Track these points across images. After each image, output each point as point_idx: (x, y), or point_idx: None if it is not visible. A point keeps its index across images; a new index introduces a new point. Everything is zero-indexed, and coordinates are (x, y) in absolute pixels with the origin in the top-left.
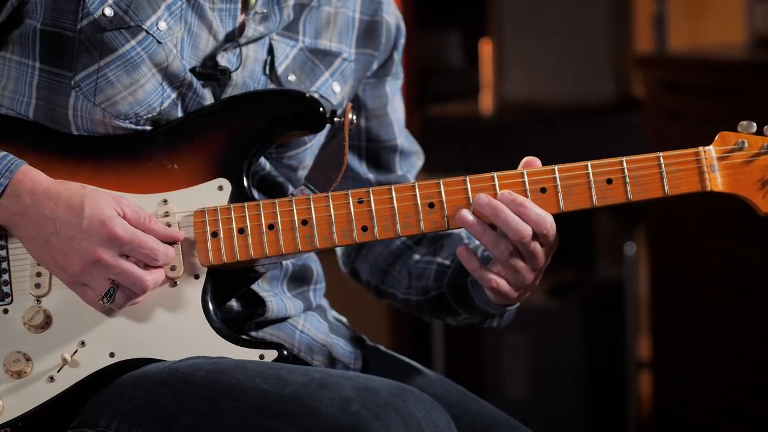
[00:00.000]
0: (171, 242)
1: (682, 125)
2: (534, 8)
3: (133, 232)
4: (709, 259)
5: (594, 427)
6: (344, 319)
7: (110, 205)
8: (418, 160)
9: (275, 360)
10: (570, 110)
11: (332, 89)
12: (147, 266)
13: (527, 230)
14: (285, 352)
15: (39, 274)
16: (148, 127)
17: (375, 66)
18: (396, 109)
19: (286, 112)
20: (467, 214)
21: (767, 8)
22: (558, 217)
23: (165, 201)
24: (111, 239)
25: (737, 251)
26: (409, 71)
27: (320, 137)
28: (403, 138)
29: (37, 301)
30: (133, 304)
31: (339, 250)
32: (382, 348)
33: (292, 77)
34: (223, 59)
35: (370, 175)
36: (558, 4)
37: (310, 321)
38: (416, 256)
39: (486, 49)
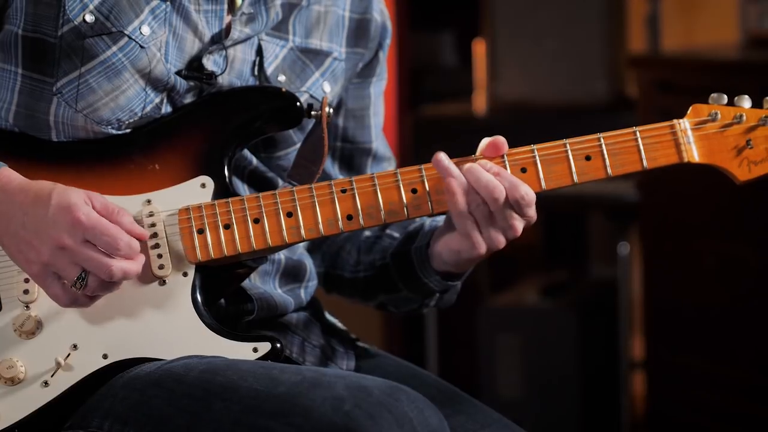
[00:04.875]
0: (138, 239)
1: None
2: (527, 8)
3: (97, 219)
4: (702, 258)
5: (587, 427)
6: (337, 320)
7: (79, 195)
8: (389, 167)
9: (268, 352)
10: (563, 110)
11: (322, 89)
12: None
13: (499, 188)
14: (278, 344)
15: (27, 280)
16: (129, 130)
17: (360, 65)
18: (377, 113)
19: (263, 108)
20: (443, 157)
21: (760, 8)
22: (552, 217)
23: (148, 201)
24: (74, 225)
25: (731, 251)
26: (402, 71)
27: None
28: (379, 142)
29: (27, 307)
30: (106, 289)
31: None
32: (375, 348)
33: (281, 77)
34: (209, 62)
35: (342, 177)
36: (551, 4)
37: (302, 321)
38: (366, 233)
39: (479, 49)
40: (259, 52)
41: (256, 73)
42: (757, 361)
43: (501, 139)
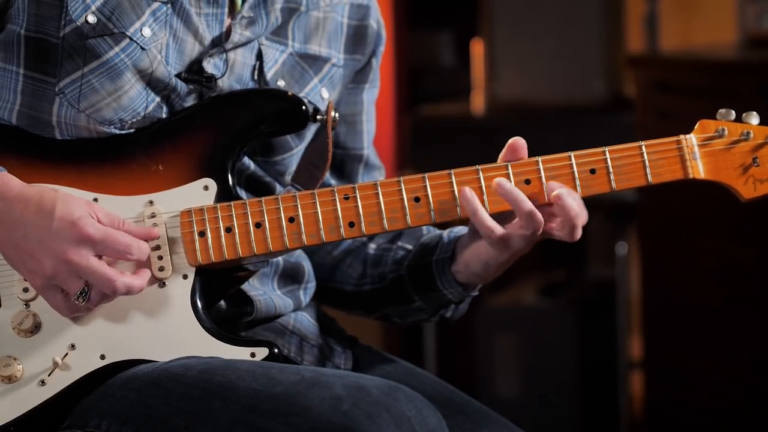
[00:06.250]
0: (147, 239)
1: (674, 125)
2: (526, 8)
3: (105, 229)
4: (700, 258)
5: (586, 427)
6: (335, 319)
7: (82, 206)
8: (380, 176)
9: (266, 357)
10: (561, 110)
11: (321, 95)
12: (121, 269)
13: (581, 213)
14: (276, 350)
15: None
16: (133, 130)
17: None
18: (369, 120)
19: (268, 110)
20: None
21: (759, 8)
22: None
23: (151, 202)
24: (82, 239)
25: (729, 251)
26: (400, 71)
27: (306, 142)
28: (370, 150)
29: (26, 305)
30: (108, 301)
31: None
32: (374, 348)
33: (281, 82)
34: (210, 65)
35: (332, 182)
36: (549, 4)
37: (300, 321)
38: (372, 245)
39: (477, 49)
40: (259, 56)
41: (255, 77)
42: (755, 360)
43: (518, 142)
